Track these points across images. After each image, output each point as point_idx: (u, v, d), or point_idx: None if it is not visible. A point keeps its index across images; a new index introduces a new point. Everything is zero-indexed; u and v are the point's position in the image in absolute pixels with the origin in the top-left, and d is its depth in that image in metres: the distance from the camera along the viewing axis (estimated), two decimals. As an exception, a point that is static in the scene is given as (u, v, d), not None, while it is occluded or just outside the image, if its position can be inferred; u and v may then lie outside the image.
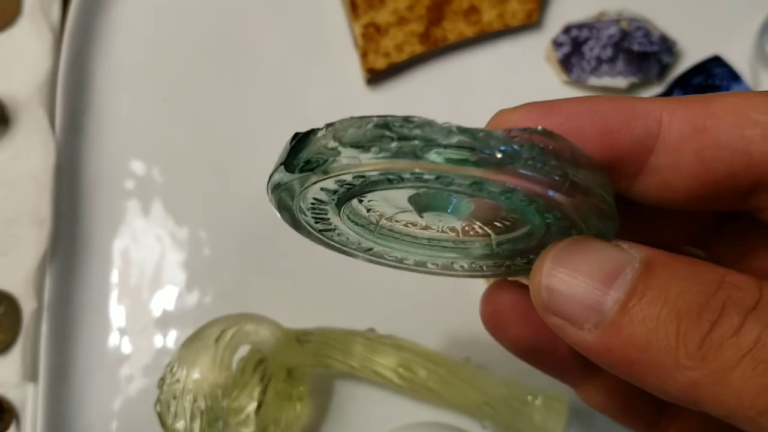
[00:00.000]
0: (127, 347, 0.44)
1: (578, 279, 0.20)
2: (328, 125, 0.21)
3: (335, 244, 0.27)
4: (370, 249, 0.27)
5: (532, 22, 0.47)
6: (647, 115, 0.21)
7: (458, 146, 0.18)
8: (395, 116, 0.19)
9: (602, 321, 0.19)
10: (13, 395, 0.42)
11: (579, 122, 0.21)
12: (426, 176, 0.19)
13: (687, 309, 0.18)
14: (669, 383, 0.18)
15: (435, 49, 0.47)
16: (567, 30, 0.47)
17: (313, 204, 0.23)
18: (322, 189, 0.22)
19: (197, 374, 0.37)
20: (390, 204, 0.23)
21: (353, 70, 0.47)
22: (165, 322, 0.44)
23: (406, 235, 0.26)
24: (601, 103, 0.22)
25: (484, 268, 0.27)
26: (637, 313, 0.19)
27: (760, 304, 0.18)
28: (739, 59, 0.46)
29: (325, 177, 0.20)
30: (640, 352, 0.19)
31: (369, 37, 0.47)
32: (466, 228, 0.25)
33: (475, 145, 0.18)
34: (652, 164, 0.22)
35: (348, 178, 0.20)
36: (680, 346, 0.18)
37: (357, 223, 0.25)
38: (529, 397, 0.40)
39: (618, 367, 0.19)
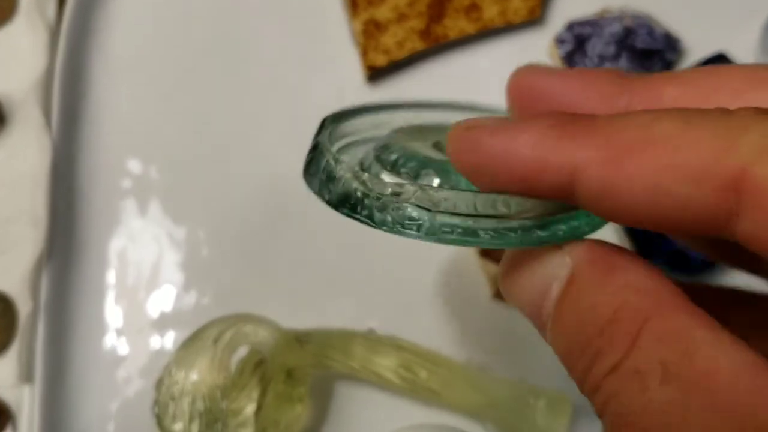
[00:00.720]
0: (124, 348, 0.43)
1: (522, 290, 0.21)
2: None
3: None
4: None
5: (534, 19, 0.47)
6: (727, 167, 0.18)
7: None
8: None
9: (544, 326, 0.21)
10: (8, 396, 0.41)
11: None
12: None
13: (572, 349, 0.19)
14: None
15: (436, 46, 0.46)
16: (570, 27, 0.46)
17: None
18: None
19: (196, 375, 0.36)
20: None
21: (353, 67, 0.47)
22: (162, 322, 0.43)
23: None
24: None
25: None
26: (557, 325, 0.20)
27: (620, 367, 0.18)
28: (744, 56, 0.45)
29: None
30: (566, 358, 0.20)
31: (369, 34, 0.46)
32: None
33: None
34: (742, 226, 0.19)
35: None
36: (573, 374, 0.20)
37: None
38: (532, 399, 0.39)
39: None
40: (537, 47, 0.47)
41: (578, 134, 0.19)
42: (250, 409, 0.38)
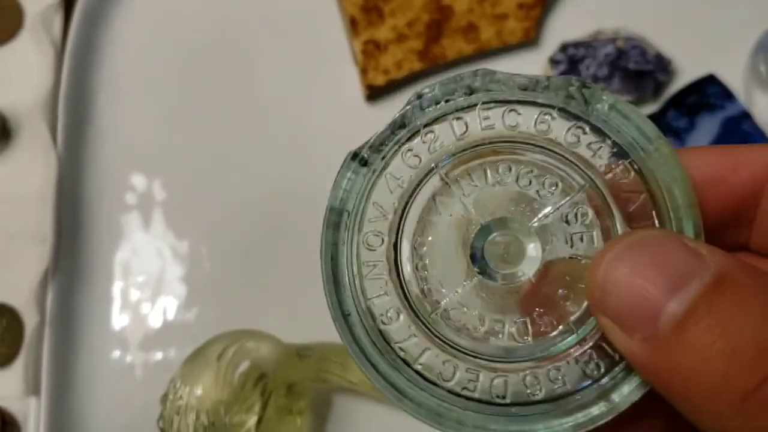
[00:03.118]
0: (128, 361, 0.44)
1: (639, 282, 0.17)
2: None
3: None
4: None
5: (529, 40, 0.48)
6: (752, 161, 0.20)
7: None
8: None
9: (653, 337, 0.17)
10: (15, 408, 0.42)
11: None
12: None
13: (744, 348, 0.16)
14: (703, 422, 0.17)
15: (434, 66, 0.47)
16: (564, 48, 0.47)
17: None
18: None
19: (200, 391, 0.37)
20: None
21: (353, 86, 0.48)
22: (166, 336, 0.44)
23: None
24: (702, 154, 0.21)
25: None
26: (689, 339, 0.17)
27: None
28: (733, 78, 0.46)
29: None
30: (683, 382, 0.17)
31: (369, 54, 0.47)
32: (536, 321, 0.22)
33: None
34: (763, 209, 0.20)
35: None
36: (724, 390, 0.16)
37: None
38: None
39: (658, 387, 0.18)
40: (532, 68, 0.48)
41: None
42: (251, 422, 0.39)
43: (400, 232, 0.22)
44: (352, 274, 0.23)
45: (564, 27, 0.49)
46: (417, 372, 0.21)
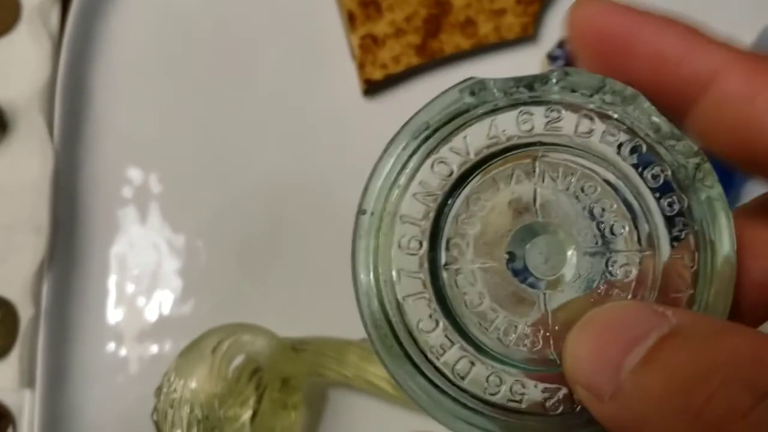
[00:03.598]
0: (123, 354, 0.44)
1: (602, 346, 0.18)
2: None
3: None
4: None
5: (527, 36, 0.48)
6: (702, 60, 0.20)
7: None
8: None
9: (617, 391, 0.17)
10: (9, 401, 0.42)
11: (638, 42, 0.20)
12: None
13: (675, 395, 0.16)
14: None
15: (432, 61, 0.47)
16: (562, 44, 0.47)
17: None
18: None
19: (194, 384, 0.37)
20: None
21: (350, 81, 0.48)
22: (162, 329, 0.44)
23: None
24: (666, 33, 0.20)
25: None
26: (641, 384, 0.17)
27: None
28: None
29: None
30: (638, 424, 0.17)
31: (366, 49, 0.47)
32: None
33: None
34: (696, 112, 0.20)
35: None
36: (674, 419, 0.16)
37: None
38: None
39: None
40: (530, 63, 0.48)
41: (724, 43, 0.20)
42: (246, 416, 0.39)
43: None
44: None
45: (562, 23, 0.48)
46: (463, 388, 0.20)
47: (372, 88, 0.47)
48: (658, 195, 0.20)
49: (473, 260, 0.20)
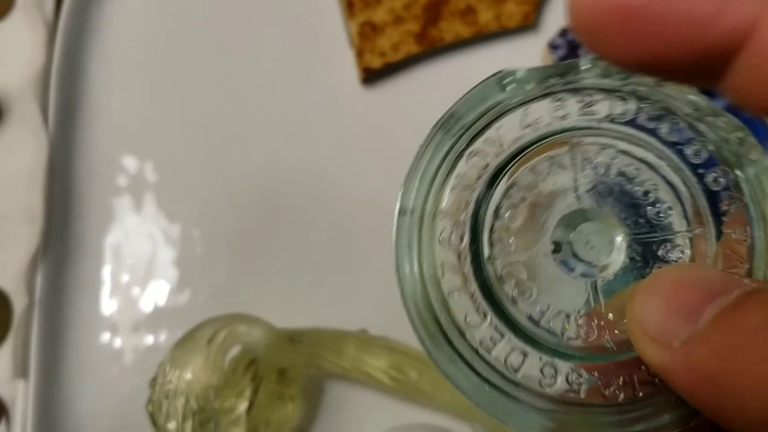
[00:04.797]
0: (118, 344, 0.44)
1: (679, 292, 0.17)
2: None
3: None
4: None
5: (528, 24, 0.47)
6: (741, 10, 0.18)
7: None
8: None
9: (695, 333, 0.16)
10: (3, 391, 0.42)
11: (666, 7, 0.18)
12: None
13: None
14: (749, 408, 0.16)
15: (431, 50, 0.47)
16: (563, 33, 0.47)
17: None
18: None
19: (189, 375, 0.37)
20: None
21: (348, 69, 0.47)
22: (157, 319, 0.44)
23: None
24: None
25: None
26: (729, 322, 0.16)
27: None
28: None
29: None
30: (721, 362, 0.16)
31: (365, 36, 0.46)
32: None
33: None
34: (737, 65, 0.18)
35: None
36: None
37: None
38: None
39: (703, 398, 0.17)
40: (531, 52, 0.47)
41: None
42: (242, 407, 0.38)
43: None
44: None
45: (563, 12, 0.48)
46: (517, 382, 0.19)
47: (371, 77, 0.47)
48: (701, 171, 0.19)
49: (517, 252, 0.20)
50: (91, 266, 0.45)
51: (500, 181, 0.20)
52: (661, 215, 0.20)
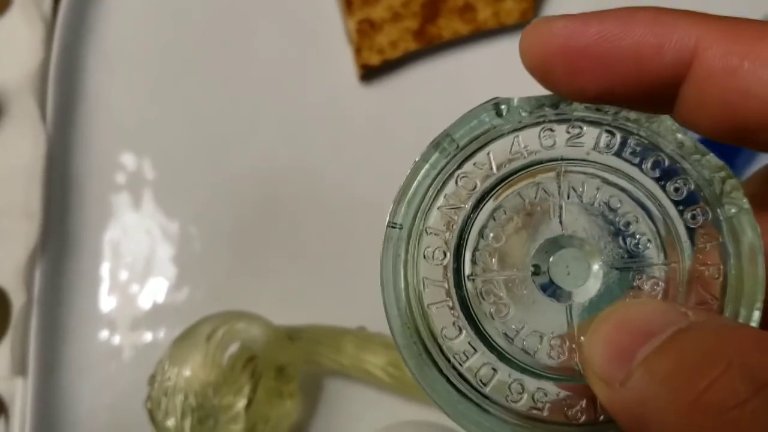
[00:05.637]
0: (116, 342, 0.44)
1: (616, 334, 0.18)
2: None
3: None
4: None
5: (526, 21, 0.47)
6: (681, 42, 0.19)
7: None
8: None
9: (627, 378, 0.18)
10: (1, 388, 0.42)
11: (611, 45, 0.19)
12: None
13: (689, 360, 0.17)
14: None
15: (429, 47, 0.47)
16: (562, 30, 0.47)
17: None
18: None
19: (188, 372, 0.37)
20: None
21: (347, 65, 0.47)
22: (155, 316, 0.44)
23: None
24: (635, 26, 0.19)
25: None
26: (649, 368, 0.17)
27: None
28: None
29: None
30: (641, 407, 0.17)
31: (363, 33, 0.46)
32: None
33: None
34: (682, 96, 0.20)
35: None
36: (675, 401, 0.17)
37: None
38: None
39: (626, 427, 0.18)
40: (529, 49, 0.47)
41: (696, 14, 0.19)
42: (240, 404, 0.38)
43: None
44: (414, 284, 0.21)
45: (562, 9, 0.48)
46: (485, 395, 0.20)
47: (369, 74, 0.47)
48: (681, 208, 0.20)
49: (498, 272, 0.21)
50: (89, 263, 0.45)
51: (487, 202, 0.21)
52: (639, 246, 0.21)
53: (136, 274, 0.44)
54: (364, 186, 0.45)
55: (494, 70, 0.47)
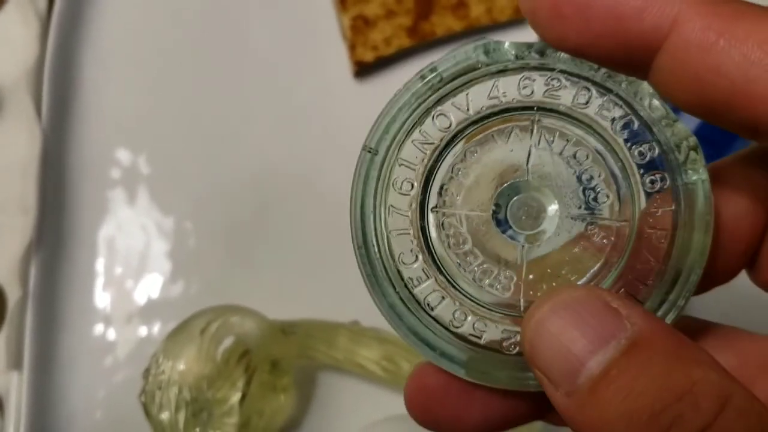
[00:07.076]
0: (111, 336, 0.44)
1: (563, 341, 0.19)
2: None
3: None
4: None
5: (520, 18, 0.47)
6: (663, 9, 0.19)
7: None
8: None
9: (574, 392, 0.18)
10: (-3, 383, 0.42)
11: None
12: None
13: (639, 413, 0.17)
14: None
15: (423, 43, 0.47)
16: (554, 27, 0.47)
17: None
18: None
19: (182, 366, 0.37)
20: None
21: (341, 62, 0.47)
22: (150, 311, 0.44)
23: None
24: None
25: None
26: (600, 399, 0.18)
27: (710, 429, 0.17)
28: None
29: None
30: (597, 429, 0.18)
31: (357, 30, 0.47)
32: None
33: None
34: (657, 64, 0.20)
35: None
36: None
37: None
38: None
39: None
40: (522, 46, 0.48)
41: None
42: (235, 398, 0.39)
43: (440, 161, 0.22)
44: (378, 212, 0.22)
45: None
46: (432, 317, 0.22)
47: (363, 70, 0.47)
48: (642, 171, 0.21)
49: (462, 207, 0.22)
50: (84, 258, 0.45)
51: (459, 142, 0.22)
52: (597, 200, 0.22)
53: (131, 269, 0.45)
54: (358, 181, 0.45)
55: (487, 67, 0.48)
